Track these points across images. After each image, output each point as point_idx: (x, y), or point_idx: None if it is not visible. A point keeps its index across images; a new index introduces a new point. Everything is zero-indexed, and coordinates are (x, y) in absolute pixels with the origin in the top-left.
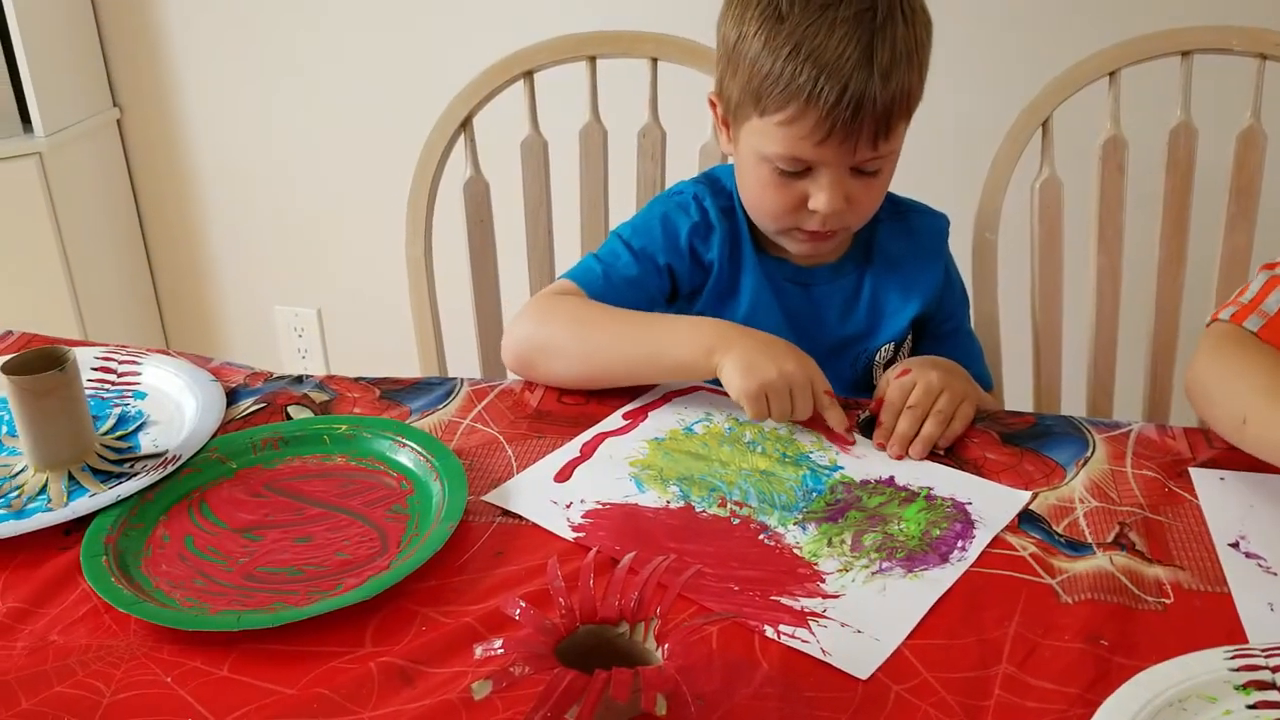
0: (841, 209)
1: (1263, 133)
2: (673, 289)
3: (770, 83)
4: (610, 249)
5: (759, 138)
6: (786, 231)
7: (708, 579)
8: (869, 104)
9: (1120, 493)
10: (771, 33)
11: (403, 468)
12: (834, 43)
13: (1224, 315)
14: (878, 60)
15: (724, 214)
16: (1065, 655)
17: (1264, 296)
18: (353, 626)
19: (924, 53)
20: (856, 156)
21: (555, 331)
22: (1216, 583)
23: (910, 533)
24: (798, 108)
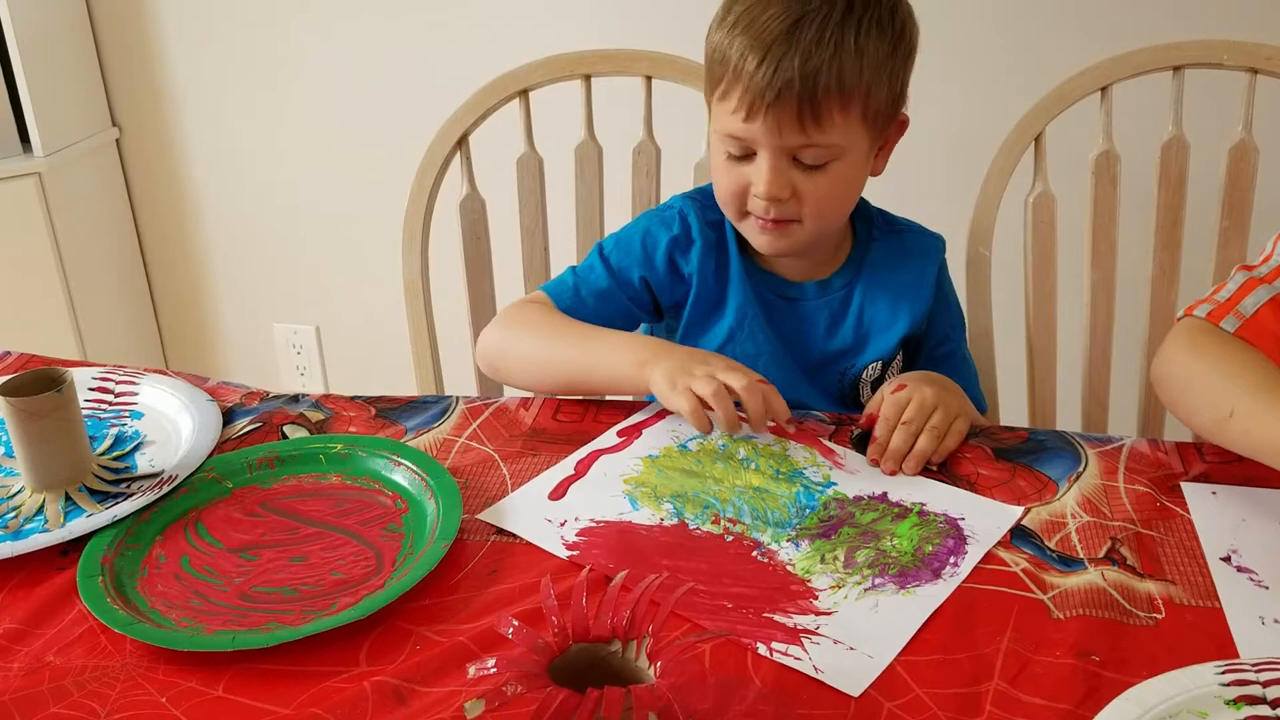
0: (781, 196)
1: (1254, 146)
2: (654, 303)
3: (716, 61)
4: (588, 263)
5: (715, 120)
6: (744, 219)
7: (701, 596)
8: (788, 78)
9: (1112, 508)
10: (724, 14)
11: (398, 486)
12: (764, 19)
13: (1199, 311)
14: (801, 36)
15: (710, 227)
16: (1057, 671)
17: (1241, 297)
18: (347, 646)
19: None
20: (785, 139)
21: (514, 339)
22: (1208, 597)
23: (903, 549)
24: (729, 81)
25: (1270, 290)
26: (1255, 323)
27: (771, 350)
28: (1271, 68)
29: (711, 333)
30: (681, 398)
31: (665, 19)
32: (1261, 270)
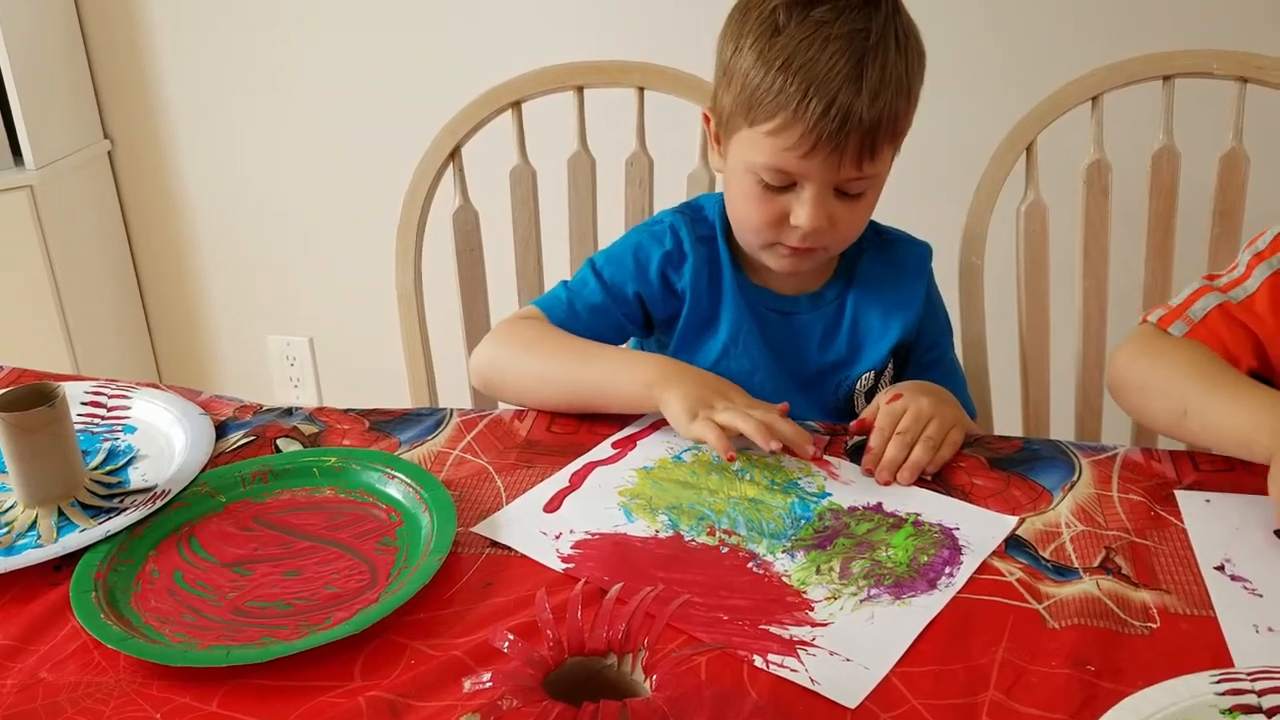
0: (823, 227)
1: (1245, 155)
2: (645, 318)
3: (762, 93)
4: (581, 277)
5: (748, 148)
6: (768, 246)
7: (697, 608)
8: (854, 120)
9: (1106, 517)
10: (767, 45)
11: (392, 500)
12: (825, 58)
13: (1152, 318)
14: (867, 79)
15: (702, 242)
16: (1052, 681)
17: (1191, 302)
18: (342, 660)
19: (914, 81)
20: (840, 174)
21: (512, 356)
22: (1202, 606)
23: (898, 559)
24: (785, 118)
25: (1220, 296)
26: (1204, 326)
27: (766, 365)
28: (1261, 77)
29: (705, 348)
30: (707, 430)
31: (658, 31)
32: (1221, 280)
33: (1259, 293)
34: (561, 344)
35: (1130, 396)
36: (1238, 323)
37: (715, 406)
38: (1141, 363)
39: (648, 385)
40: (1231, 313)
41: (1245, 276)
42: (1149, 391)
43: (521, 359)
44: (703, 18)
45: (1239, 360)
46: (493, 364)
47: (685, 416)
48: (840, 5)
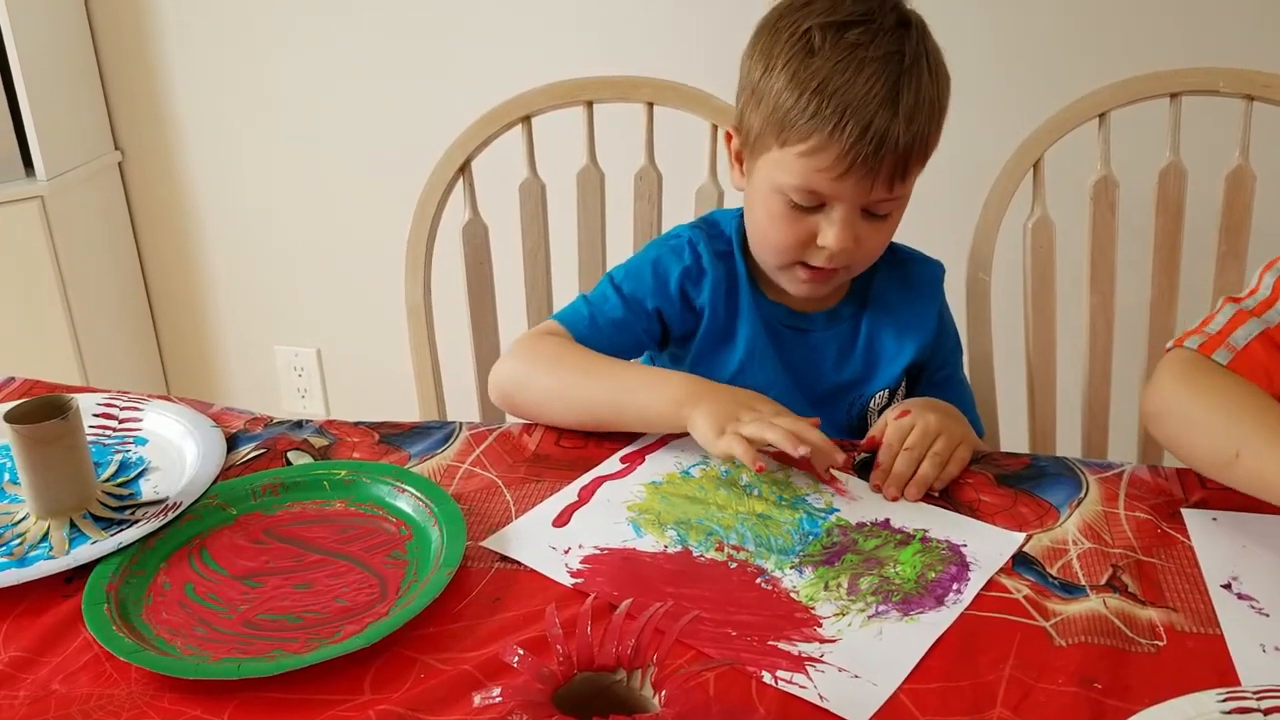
0: (850, 248)
1: (1251, 172)
2: (663, 333)
3: (796, 114)
4: (600, 291)
5: (776, 168)
6: (788, 267)
7: (705, 624)
8: (890, 143)
9: (1113, 534)
10: (800, 66)
11: (402, 513)
12: (862, 80)
13: (1190, 343)
14: (903, 102)
15: (719, 258)
16: (1060, 699)
17: (1232, 329)
18: (352, 674)
19: (944, 103)
20: (871, 195)
21: (535, 373)
22: (1209, 624)
23: (906, 575)
24: (820, 140)
25: (1261, 324)
26: (1247, 355)
27: (781, 382)
28: (1267, 94)
29: (722, 364)
30: (734, 443)
31: (667, 47)
32: (1249, 303)
33: None
34: (587, 362)
35: (1171, 428)
36: (1276, 346)
37: (742, 420)
38: (1186, 393)
39: (677, 404)
40: (1273, 338)
41: (1274, 299)
42: (1195, 426)
43: (545, 376)
44: (712, 34)
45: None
46: (515, 381)
47: (713, 434)
48: (874, 28)
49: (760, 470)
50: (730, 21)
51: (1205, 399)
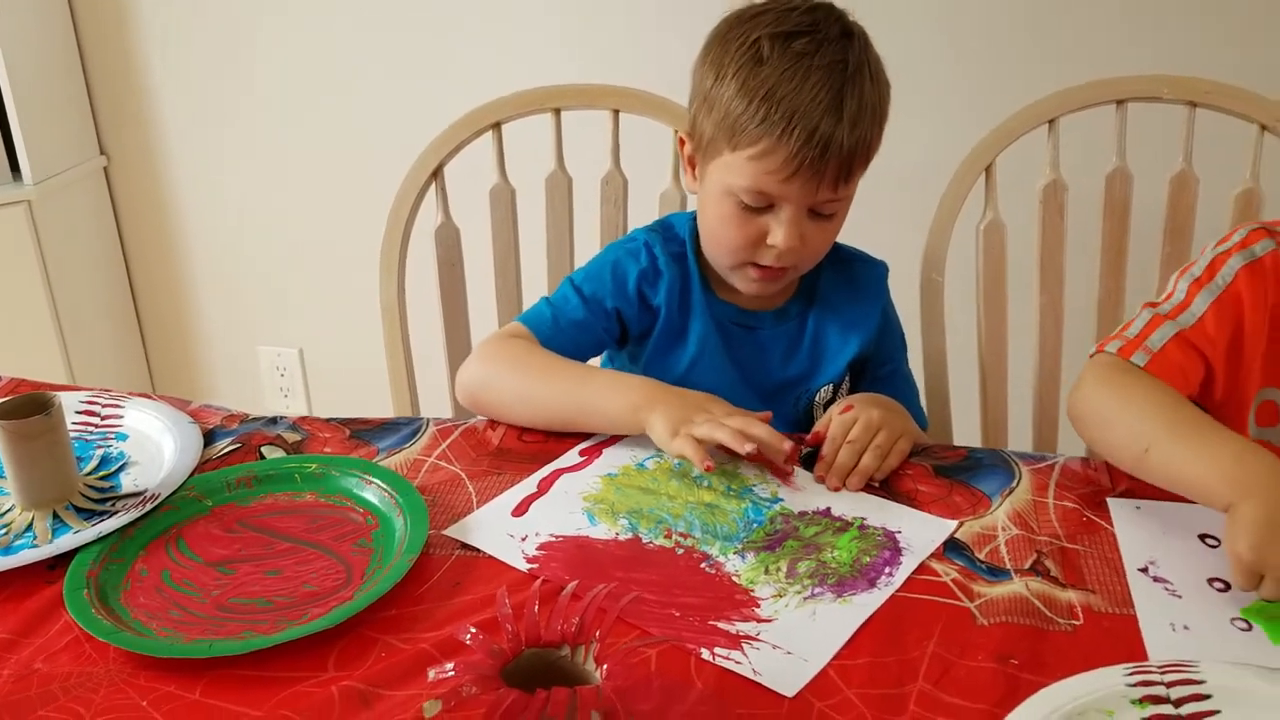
0: (797, 246)
1: (1194, 176)
2: (623, 332)
3: (746, 119)
4: (562, 294)
5: (728, 171)
6: (740, 267)
7: (650, 605)
8: (835, 147)
9: (1040, 522)
10: (750, 74)
11: (369, 504)
12: (808, 88)
13: (1110, 348)
14: (846, 108)
15: (674, 260)
16: (978, 674)
17: (1149, 333)
18: (317, 653)
19: (884, 110)
20: (818, 196)
21: (500, 376)
22: (1125, 605)
23: (842, 560)
24: (769, 144)
25: (1175, 326)
26: (1163, 357)
27: (731, 378)
28: (1209, 101)
29: (674, 361)
30: (685, 445)
31: (633, 55)
32: (1165, 308)
33: (1206, 316)
34: (550, 366)
35: (1091, 429)
36: (1193, 348)
37: (694, 421)
38: (1104, 394)
39: (635, 408)
40: (1187, 339)
41: (1188, 303)
42: (1111, 425)
43: (510, 379)
44: (676, 44)
45: (1192, 383)
46: (481, 383)
47: (668, 435)
48: (820, 38)
49: (709, 470)
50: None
51: (1120, 399)
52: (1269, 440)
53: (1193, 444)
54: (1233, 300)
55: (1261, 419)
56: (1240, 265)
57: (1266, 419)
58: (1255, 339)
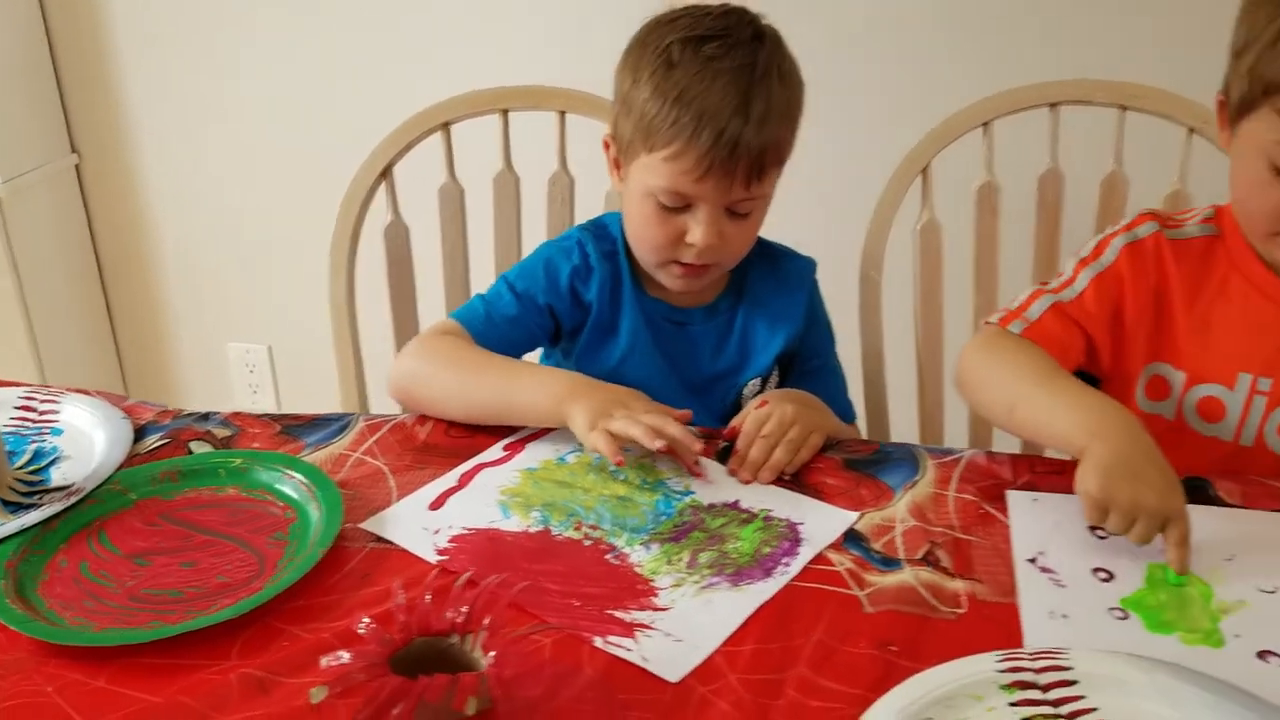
0: (716, 244)
1: (1124, 178)
2: (556, 328)
3: (659, 121)
4: (496, 290)
5: (646, 173)
6: (665, 265)
7: (553, 595)
8: (743, 147)
9: (938, 514)
10: (663, 78)
11: (288, 498)
12: (716, 90)
13: (993, 319)
14: (753, 109)
15: (606, 257)
16: (857, 659)
17: (1027, 305)
18: (222, 642)
19: (795, 110)
20: (731, 195)
21: (431, 371)
22: (1010, 594)
23: (744, 551)
24: (681, 145)
25: (1053, 298)
26: (1040, 326)
27: (662, 372)
28: (1139, 104)
29: (605, 356)
30: (599, 439)
31: (578, 58)
32: (1052, 284)
33: (1087, 292)
34: (478, 360)
35: (969, 392)
36: (1070, 320)
37: (613, 416)
38: (979, 359)
39: (558, 400)
40: (1064, 311)
41: (1073, 279)
42: (984, 386)
43: (439, 374)
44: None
45: (1071, 353)
46: (412, 378)
47: (586, 428)
48: (730, 42)
49: (620, 464)
50: None
51: (993, 362)
52: (1160, 413)
53: (1053, 398)
54: (1114, 278)
55: (1150, 392)
56: (1123, 245)
57: (1155, 393)
58: (1138, 315)
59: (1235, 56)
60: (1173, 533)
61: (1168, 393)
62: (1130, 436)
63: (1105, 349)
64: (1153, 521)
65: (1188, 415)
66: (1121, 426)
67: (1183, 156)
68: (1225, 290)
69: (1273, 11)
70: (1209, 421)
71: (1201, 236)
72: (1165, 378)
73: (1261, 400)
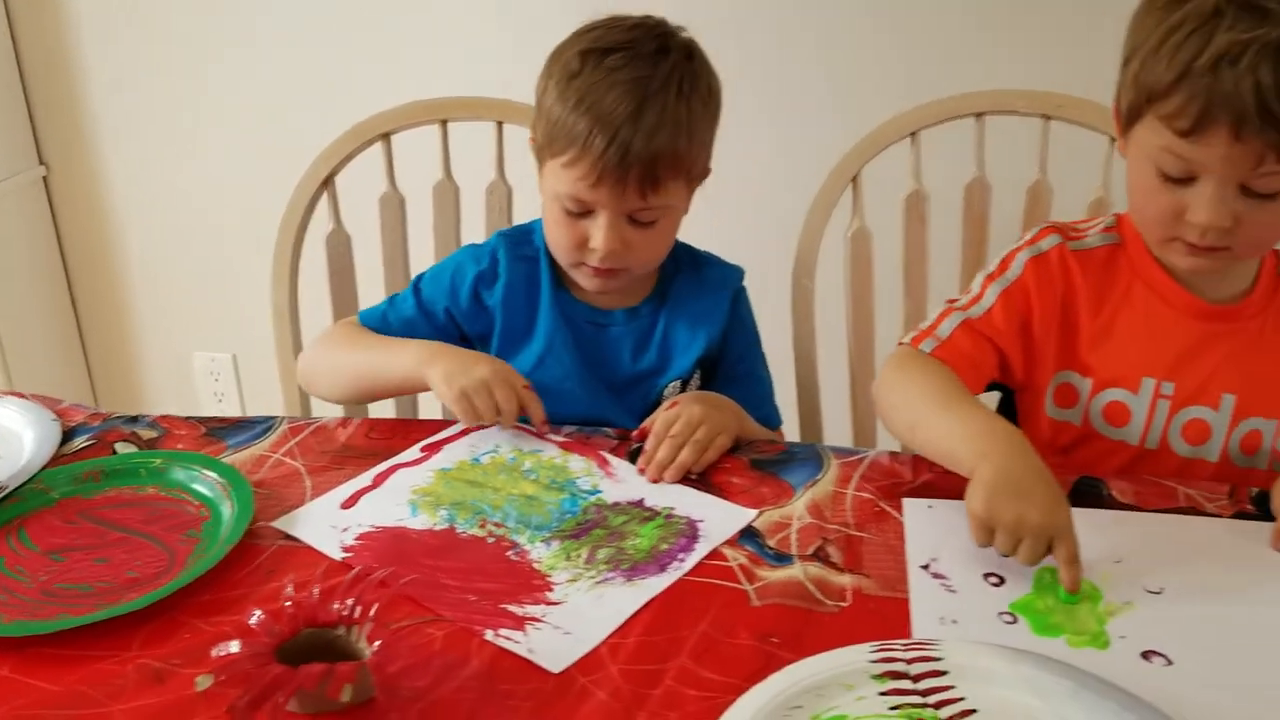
0: (618, 250)
1: (1048, 186)
2: (460, 332)
3: (560, 129)
4: (405, 292)
5: (552, 178)
6: (576, 266)
7: (450, 590)
8: (634, 155)
9: (834, 511)
10: (566, 86)
11: (204, 497)
12: (611, 99)
13: (906, 339)
14: (645, 119)
15: (522, 261)
16: (738, 650)
17: (938, 323)
18: (125, 634)
19: (698, 123)
20: (626, 203)
21: (322, 355)
22: (896, 589)
23: (641, 547)
24: (575, 152)
25: (963, 315)
26: (950, 344)
27: (579, 373)
28: (1061, 114)
29: (521, 357)
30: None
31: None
32: (962, 301)
33: (995, 307)
34: (360, 341)
35: (882, 412)
36: (981, 336)
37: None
38: (890, 380)
39: (419, 363)
40: (974, 327)
41: (980, 295)
42: (892, 408)
43: (325, 356)
44: None
45: (983, 368)
46: (309, 364)
47: (443, 384)
48: (632, 54)
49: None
50: None
51: (901, 384)
52: (1069, 420)
53: (947, 421)
54: (1020, 291)
55: (1059, 400)
56: (1028, 259)
57: (1064, 400)
58: (1045, 326)
59: (1124, 64)
60: (1060, 551)
61: (1076, 400)
62: (1017, 455)
63: (1017, 362)
64: (1038, 540)
65: (1094, 420)
66: (1008, 446)
67: (1105, 164)
68: (1129, 297)
69: (1157, 19)
70: (1115, 426)
71: (1103, 245)
72: (1073, 385)
73: (1165, 404)
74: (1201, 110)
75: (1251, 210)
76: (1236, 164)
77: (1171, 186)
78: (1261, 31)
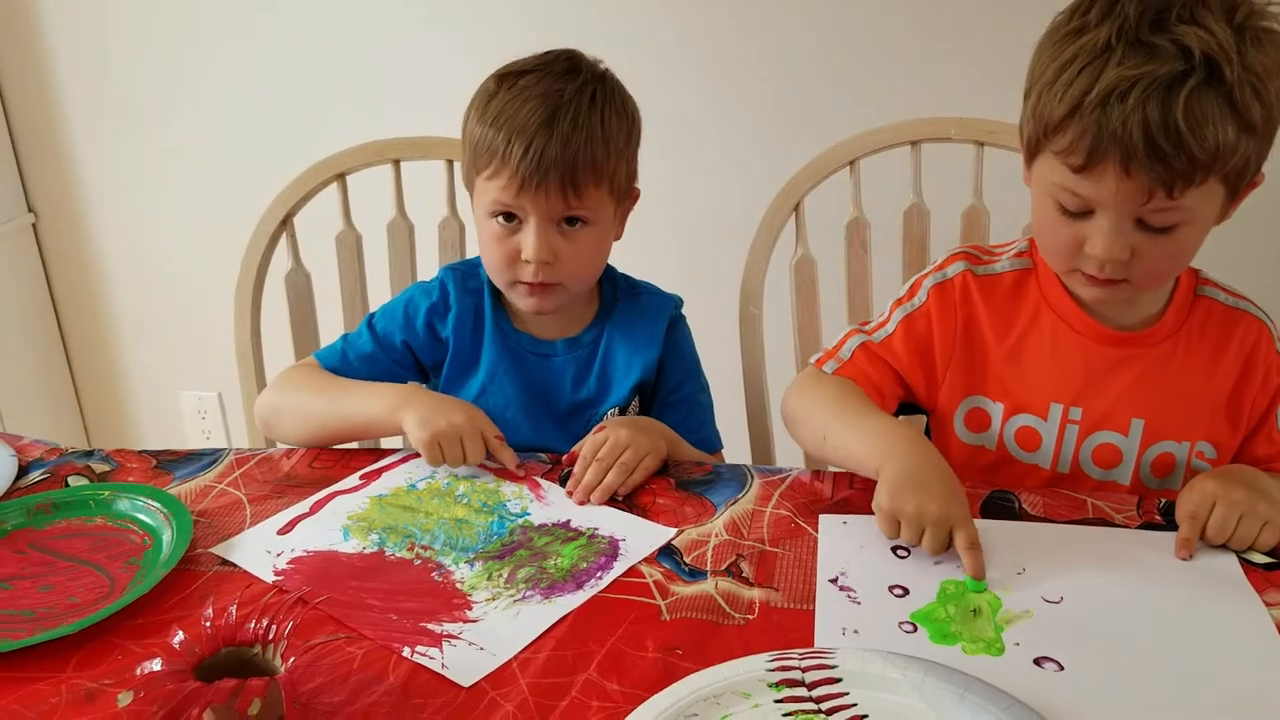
0: (548, 259)
1: (984, 210)
2: (417, 364)
3: (481, 146)
4: (359, 330)
5: (481, 194)
6: (512, 285)
7: (373, 610)
8: (549, 160)
9: (751, 528)
10: (485, 107)
11: (148, 526)
12: (524, 112)
13: (812, 360)
14: (558, 126)
15: (469, 293)
16: (642, 663)
17: (841, 345)
18: (61, 657)
19: (612, 132)
20: (551, 207)
21: (284, 399)
22: (802, 602)
23: (562, 566)
24: (498, 163)
25: (862, 337)
26: (851, 365)
27: (520, 401)
28: (994, 140)
29: (467, 386)
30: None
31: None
32: (870, 325)
33: (896, 332)
34: (324, 384)
35: (790, 427)
36: (879, 359)
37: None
38: (797, 397)
39: (392, 409)
40: (873, 350)
41: (887, 320)
42: (801, 422)
43: (290, 400)
44: None
45: (886, 389)
46: (269, 408)
47: (417, 429)
48: (543, 74)
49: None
50: None
51: (807, 399)
52: (982, 444)
53: (854, 426)
54: (923, 317)
55: (970, 424)
56: (932, 285)
57: (975, 425)
58: (948, 352)
59: (1025, 97)
60: (960, 538)
61: (988, 424)
62: (918, 454)
63: (919, 386)
64: (939, 528)
65: (1008, 444)
66: (909, 446)
67: None
68: (1037, 322)
69: (1052, 53)
70: (1026, 450)
71: (1012, 271)
72: (985, 410)
73: (1074, 429)
74: (1091, 146)
75: (1148, 243)
76: (1128, 199)
77: (1070, 220)
78: (1150, 68)
